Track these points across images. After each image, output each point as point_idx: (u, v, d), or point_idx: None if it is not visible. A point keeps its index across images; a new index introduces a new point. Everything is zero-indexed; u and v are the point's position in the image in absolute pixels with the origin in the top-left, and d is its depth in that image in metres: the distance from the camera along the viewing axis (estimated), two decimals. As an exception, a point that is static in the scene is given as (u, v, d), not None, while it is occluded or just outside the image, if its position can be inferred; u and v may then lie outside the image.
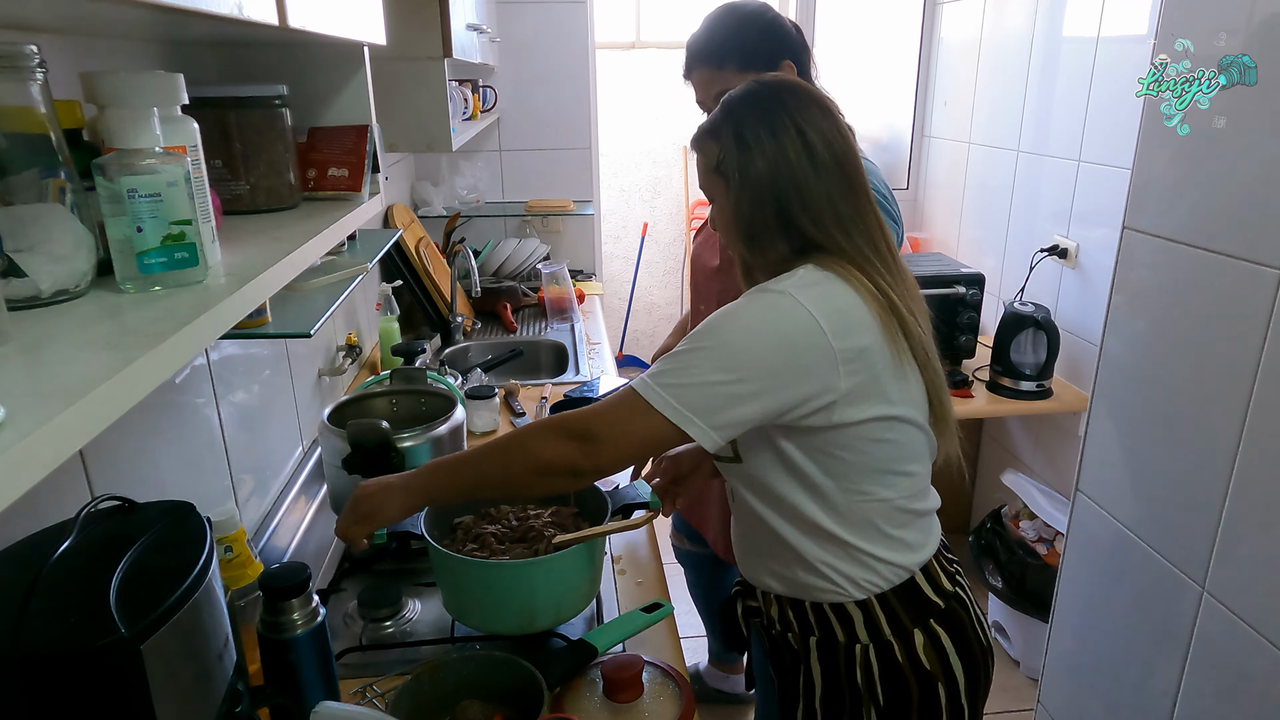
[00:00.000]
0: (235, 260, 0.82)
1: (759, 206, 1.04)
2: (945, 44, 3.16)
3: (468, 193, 3.14)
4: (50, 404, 0.47)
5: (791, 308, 0.98)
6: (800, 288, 1.00)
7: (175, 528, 0.75)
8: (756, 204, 1.04)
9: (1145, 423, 1.51)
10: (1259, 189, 1.23)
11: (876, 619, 1.08)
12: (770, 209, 1.04)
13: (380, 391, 1.63)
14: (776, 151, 1.03)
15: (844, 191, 1.04)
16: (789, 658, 1.16)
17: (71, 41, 0.90)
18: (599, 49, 3.28)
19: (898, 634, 1.09)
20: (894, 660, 1.08)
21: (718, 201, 1.10)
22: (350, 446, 1.35)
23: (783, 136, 1.03)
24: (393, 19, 1.41)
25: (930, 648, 1.09)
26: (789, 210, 1.03)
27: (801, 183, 1.03)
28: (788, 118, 1.03)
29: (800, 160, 1.03)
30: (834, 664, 1.11)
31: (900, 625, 1.09)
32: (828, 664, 1.11)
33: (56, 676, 0.61)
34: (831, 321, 0.98)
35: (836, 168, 1.04)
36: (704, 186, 1.11)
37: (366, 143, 1.20)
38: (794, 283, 1.01)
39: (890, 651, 1.08)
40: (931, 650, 1.09)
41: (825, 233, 1.04)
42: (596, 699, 1.07)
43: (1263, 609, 1.26)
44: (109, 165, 0.66)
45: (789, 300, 0.98)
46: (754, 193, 1.04)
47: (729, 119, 1.06)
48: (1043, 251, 2.48)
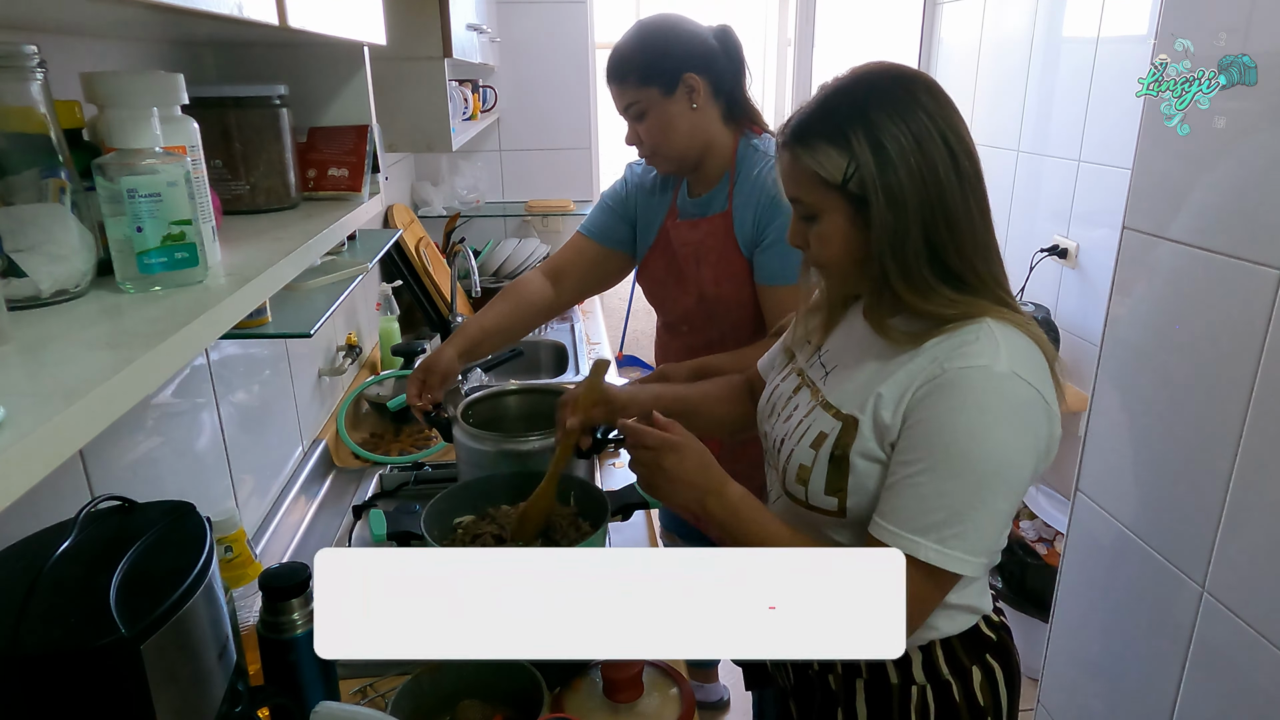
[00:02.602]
0: (235, 260, 0.82)
1: (907, 232, 0.87)
2: (945, 44, 3.15)
3: (468, 193, 3.14)
4: (50, 404, 0.47)
5: (1031, 401, 0.87)
6: (1021, 363, 0.87)
7: (175, 528, 0.75)
8: (905, 229, 0.87)
9: (1145, 423, 1.51)
10: (1259, 189, 1.22)
11: (936, 660, 1.00)
12: (919, 236, 0.88)
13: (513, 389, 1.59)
14: (922, 164, 0.86)
15: (985, 211, 0.91)
16: (821, 698, 1.07)
17: (71, 41, 0.90)
18: (599, 49, 3.28)
19: (956, 673, 1.01)
20: (951, 700, 1.00)
21: (826, 220, 0.92)
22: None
23: (927, 144, 0.87)
24: (393, 19, 1.41)
25: (986, 683, 1.02)
26: (938, 237, 0.88)
27: (950, 203, 0.87)
28: (929, 120, 0.87)
29: (948, 174, 0.87)
30: (885, 707, 1.02)
31: (959, 664, 1.01)
32: (877, 707, 1.02)
33: (56, 676, 0.62)
34: (1054, 402, 0.89)
35: (978, 182, 0.90)
36: (802, 199, 0.93)
37: (366, 143, 1.20)
38: (1011, 358, 0.86)
39: (948, 691, 1.00)
40: (987, 686, 1.02)
41: (968, 264, 0.90)
42: (596, 699, 1.07)
43: (1263, 609, 1.26)
44: (109, 165, 0.66)
45: (1025, 390, 0.86)
46: (903, 215, 0.87)
47: (858, 120, 0.87)
48: (1043, 251, 2.48)
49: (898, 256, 0.88)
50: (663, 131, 1.42)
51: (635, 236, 1.64)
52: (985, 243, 0.91)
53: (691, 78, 1.39)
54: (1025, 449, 0.87)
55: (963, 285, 0.90)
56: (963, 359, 0.87)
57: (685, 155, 1.45)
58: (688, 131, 1.42)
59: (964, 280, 0.90)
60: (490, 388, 1.55)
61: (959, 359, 0.87)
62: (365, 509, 1.58)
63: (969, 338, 0.88)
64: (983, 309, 0.90)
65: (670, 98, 1.40)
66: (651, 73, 1.39)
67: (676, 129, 1.42)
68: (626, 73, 1.41)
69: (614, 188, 1.66)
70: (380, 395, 2.01)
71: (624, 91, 1.42)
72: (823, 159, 0.88)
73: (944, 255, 0.89)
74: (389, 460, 1.79)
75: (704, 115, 1.43)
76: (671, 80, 1.40)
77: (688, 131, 1.42)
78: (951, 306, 0.90)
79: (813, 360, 1.07)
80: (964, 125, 0.90)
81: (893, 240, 0.88)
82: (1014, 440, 0.86)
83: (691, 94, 1.40)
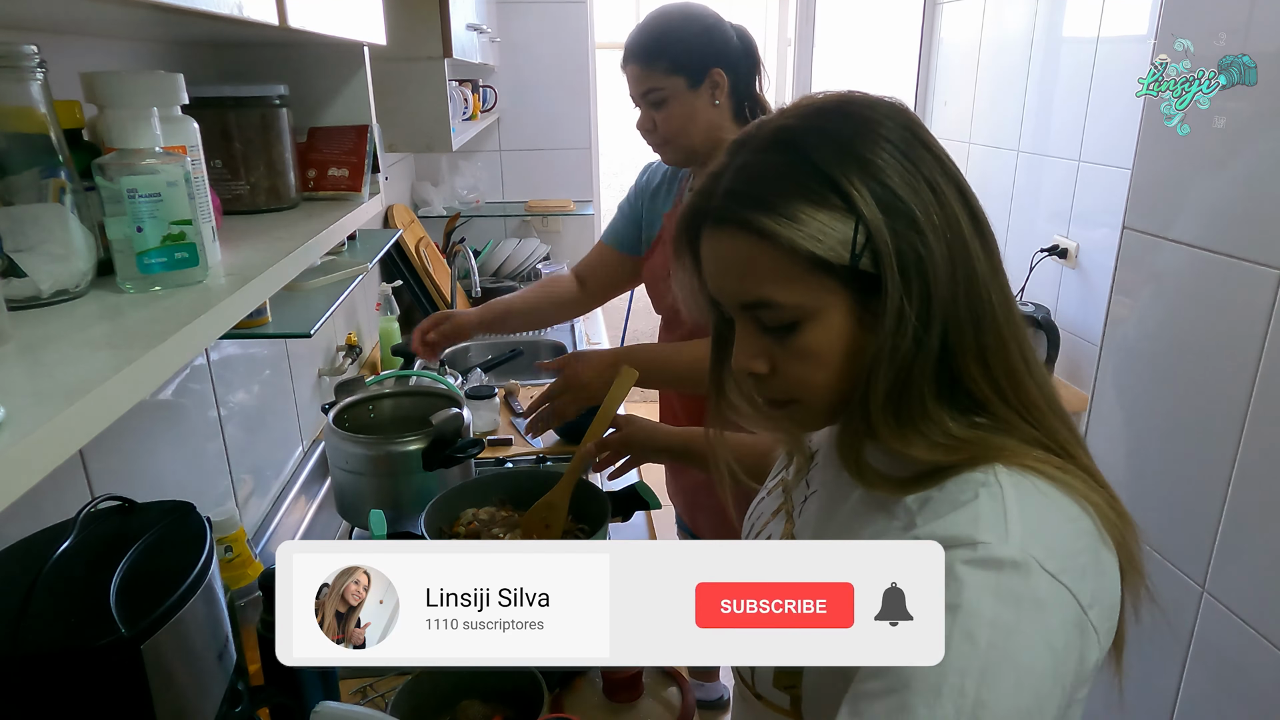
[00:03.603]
0: (235, 260, 0.82)
1: (929, 330, 0.59)
2: (945, 44, 3.15)
3: (468, 193, 3.14)
4: (50, 404, 0.47)
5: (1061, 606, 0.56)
6: (1041, 541, 0.56)
7: (175, 528, 0.75)
8: (928, 325, 0.59)
9: (1145, 423, 1.51)
10: (1259, 189, 1.23)
11: None
12: (937, 337, 0.59)
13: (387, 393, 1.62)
14: (946, 226, 0.59)
15: (1008, 301, 0.62)
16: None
17: (71, 41, 0.90)
18: (599, 49, 3.28)
19: None
20: None
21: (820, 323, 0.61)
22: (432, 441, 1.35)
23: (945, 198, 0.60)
24: (393, 19, 1.41)
25: None
26: (959, 338, 0.59)
27: (978, 285, 0.60)
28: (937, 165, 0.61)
29: (972, 241, 0.60)
30: None
31: None
32: None
33: (57, 676, 0.62)
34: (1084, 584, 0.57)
35: (999, 258, 0.63)
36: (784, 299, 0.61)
37: (366, 143, 1.20)
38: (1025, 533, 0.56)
39: None
40: None
41: (992, 381, 0.61)
42: (596, 699, 1.07)
43: (1263, 609, 1.26)
44: (109, 165, 0.66)
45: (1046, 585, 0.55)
46: (929, 303, 0.59)
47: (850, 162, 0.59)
48: (1043, 251, 2.48)
49: (903, 366, 0.59)
50: (680, 123, 1.42)
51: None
52: (1012, 347, 0.61)
53: (718, 73, 1.39)
54: (1043, 676, 0.54)
55: (978, 415, 0.62)
56: (945, 529, 0.57)
57: (697, 149, 1.45)
58: (705, 127, 1.42)
59: (983, 407, 0.61)
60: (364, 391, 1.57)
61: (940, 528, 0.58)
62: (365, 509, 1.58)
63: (963, 496, 0.58)
64: (996, 451, 0.60)
65: (695, 91, 1.40)
66: (682, 62, 1.38)
67: (695, 123, 1.41)
68: (655, 57, 1.39)
69: (629, 194, 1.70)
70: (380, 395, 2.01)
71: (648, 75, 1.40)
72: (815, 230, 0.58)
73: (961, 366, 0.60)
74: (389, 460, 1.79)
75: (721, 112, 1.43)
76: (700, 73, 1.39)
77: (705, 127, 1.42)
78: (945, 450, 0.60)
79: (802, 475, 0.80)
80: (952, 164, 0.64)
81: (909, 343, 0.59)
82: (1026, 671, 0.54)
83: (715, 90, 1.40)
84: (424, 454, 1.36)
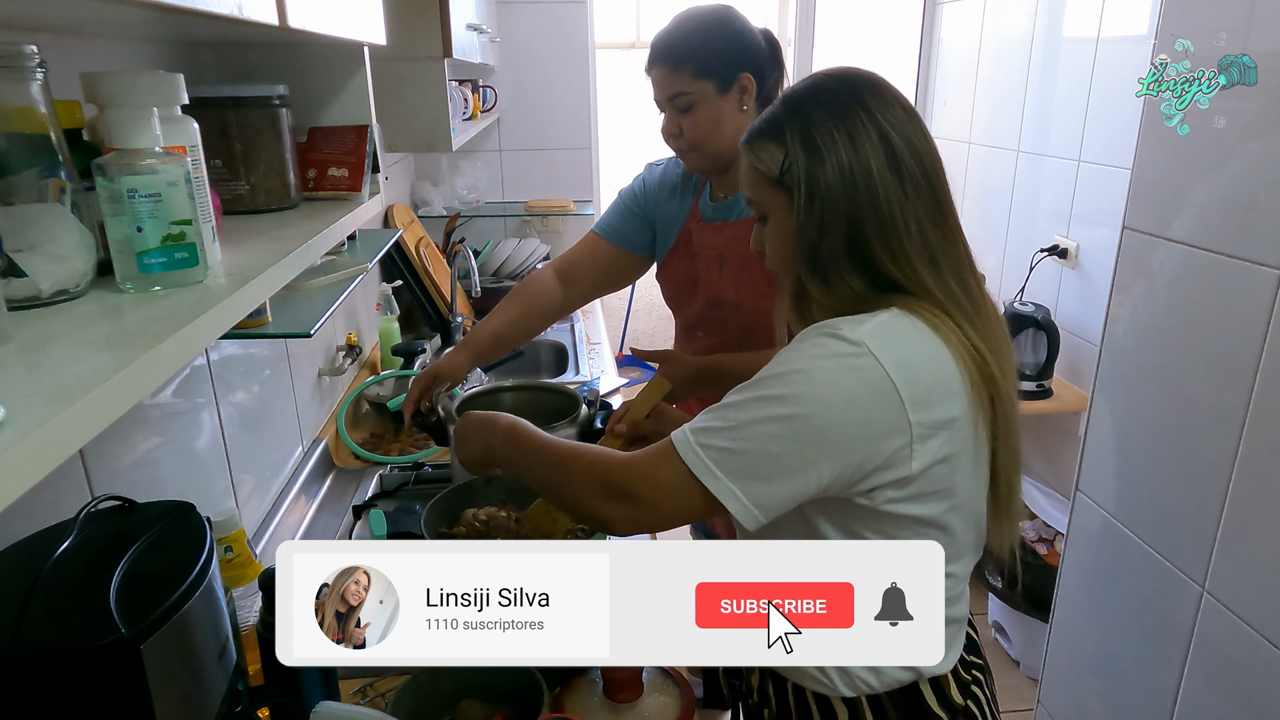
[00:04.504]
0: (235, 260, 0.82)
1: (827, 228, 0.85)
2: (945, 44, 3.15)
3: (468, 193, 3.14)
4: (50, 404, 0.47)
5: (870, 369, 0.79)
6: (881, 341, 0.80)
7: (175, 528, 0.75)
8: (824, 225, 0.85)
9: (1145, 423, 1.51)
10: (1259, 189, 1.23)
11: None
12: (840, 232, 0.85)
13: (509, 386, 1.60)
14: (854, 159, 0.84)
15: (934, 215, 0.86)
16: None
17: (71, 41, 0.90)
18: (599, 49, 3.28)
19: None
20: None
21: (773, 219, 0.91)
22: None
23: (862, 140, 0.84)
24: (393, 19, 1.41)
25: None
26: (863, 235, 0.84)
27: (882, 201, 0.84)
28: (867, 117, 0.85)
29: (883, 172, 0.84)
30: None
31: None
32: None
33: (57, 676, 0.62)
34: (914, 390, 0.80)
35: (926, 184, 0.86)
36: (754, 200, 0.93)
37: (366, 143, 1.20)
38: (872, 331, 0.81)
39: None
40: None
41: (909, 267, 0.85)
42: (596, 699, 1.07)
43: (1263, 609, 1.26)
44: (109, 165, 0.66)
45: (867, 359, 0.79)
46: (823, 210, 0.85)
47: (795, 115, 0.87)
48: (1043, 251, 2.48)
49: (813, 253, 0.86)
50: (709, 128, 1.39)
51: (653, 238, 1.61)
52: (937, 246, 0.86)
53: (746, 78, 1.37)
54: (834, 409, 0.79)
55: (888, 285, 0.86)
56: (830, 329, 0.83)
57: (723, 155, 1.42)
58: (733, 132, 1.38)
59: (893, 282, 0.85)
60: (486, 385, 1.55)
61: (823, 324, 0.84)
62: (365, 509, 1.58)
63: (856, 318, 0.84)
64: (897, 300, 0.85)
65: (724, 96, 1.37)
66: (712, 66, 1.36)
67: (724, 128, 1.39)
68: (685, 60, 1.37)
69: (631, 188, 1.63)
70: (380, 395, 2.01)
71: (676, 79, 1.38)
72: (763, 155, 0.89)
73: (871, 255, 0.85)
74: (389, 460, 1.79)
75: (748, 118, 1.39)
76: (729, 78, 1.37)
77: (733, 132, 1.38)
78: (859, 301, 0.86)
79: None
80: (914, 127, 0.87)
81: (811, 236, 0.85)
82: (823, 391, 0.79)
83: (744, 95, 1.38)
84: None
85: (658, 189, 1.60)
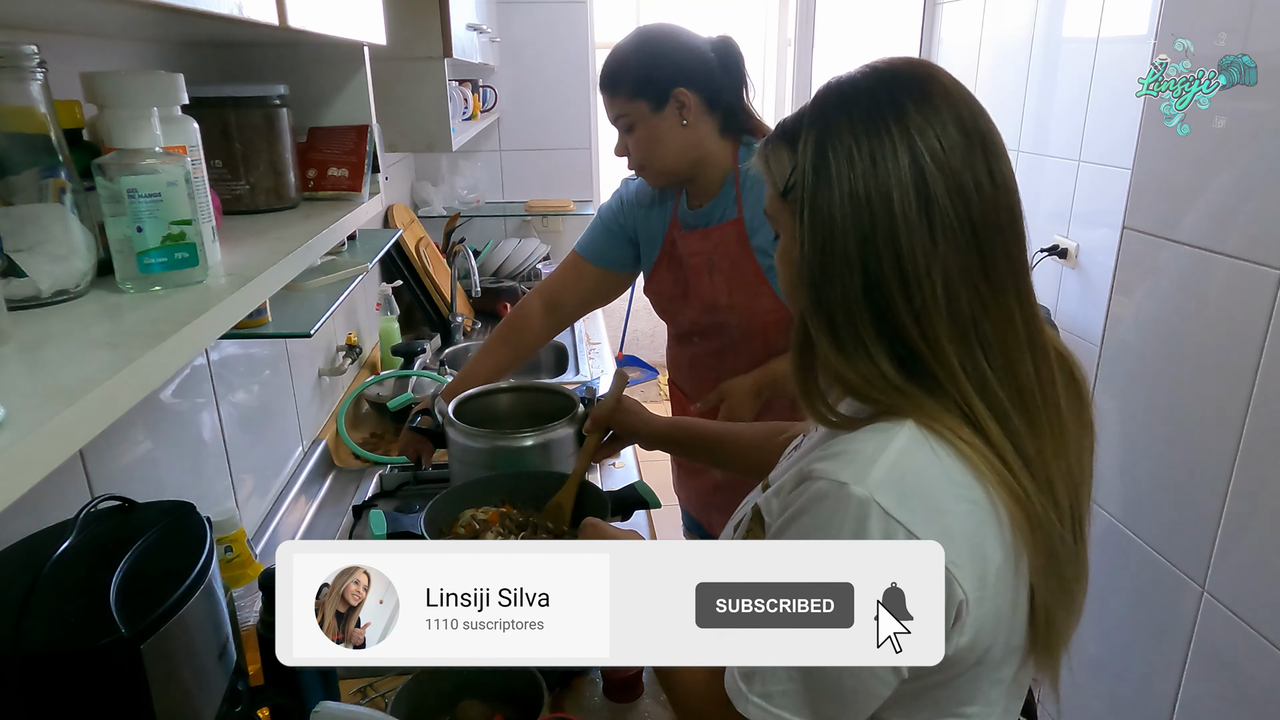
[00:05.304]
0: (235, 260, 0.82)
1: (830, 270, 0.66)
2: (945, 44, 3.15)
3: (468, 193, 3.14)
4: (50, 404, 0.47)
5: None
6: (895, 491, 0.63)
7: (175, 528, 0.75)
8: (827, 265, 0.67)
9: (1145, 423, 1.51)
10: (1259, 189, 1.23)
11: None
12: (852, 280, 0.66)
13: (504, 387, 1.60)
14: (871, 189, 0.65)
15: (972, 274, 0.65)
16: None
17: (71, 41, 0.90)
18: (599, 49, 3.28)
19: None
20: None
21: (783, 239, 0.75)
22: None
23: (886, 164, 0.65)
24: (393, 19, 1.41)
25: None
26: (881, 284, 0.65)
27: (905, 249, 0.65)
28: (901, 135, 0.65)
29: (906, 210, 0.64)
30: None
31: None
32: None
33: (57, 676, 0.62)
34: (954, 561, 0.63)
35: (967, 235, 0.65)
36: (769, 213, 0.76)
37: (366, 143, 1.20)
38: (884, 479, 0.63)
39: None
40: None
41: (933, 344, 0.65)
42: (596, 699, 1.07)
43: (1263, 609, 1.26)
44: (109, 165, 0.66)
45: (879, 519, 0.63)
46: (825, 247, 0.66)
47: (818, 118, 0.69)
48: (1043, 251, 2.48)
49: (817, 295, 0.68)
50: (650, 146, 1.41)
51: (636, 253, 1.61)
52: (966, 318, 0.65)
53: (682, 93, 1.37)
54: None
55: (916, 371, 0.67)
56: (826, 461, 0.66)
57: (675, 170, 1.43)
58: (677, 147, 1.40)
59: (922, 365, 0.66)
60: (484, 386, 1.55)
61: (822, 460, 0.66)
62: (365, 509, 1.58)
63: (859, 439, 0.66)
64: (914, 408, 0.66)
65: (660, 113, 1.38)
66: (641, 87, 1.37)
67: (665, 144, 1.40)
68: (617, 85, 1.39)
69: (609, 205, 1.63)
70: (380, 395, 2.01)
71: (614, 103, 1.41)
72: (774, 160, 0.73)
73: (894, 319, 0.66)
74: (389, 460, 1.79)
75: (695, 130, 1.40)
76: (662, 95, 1.37)
77: (677, 147, 1.40)
78: (884, 391, 0.67)
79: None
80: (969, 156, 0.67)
81: (814, 274, 0.67)
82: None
83: (682, 109, 1.38)
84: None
85: (634, 203, 1.60)
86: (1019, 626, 0.71)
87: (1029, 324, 0.68)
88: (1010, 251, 0.67)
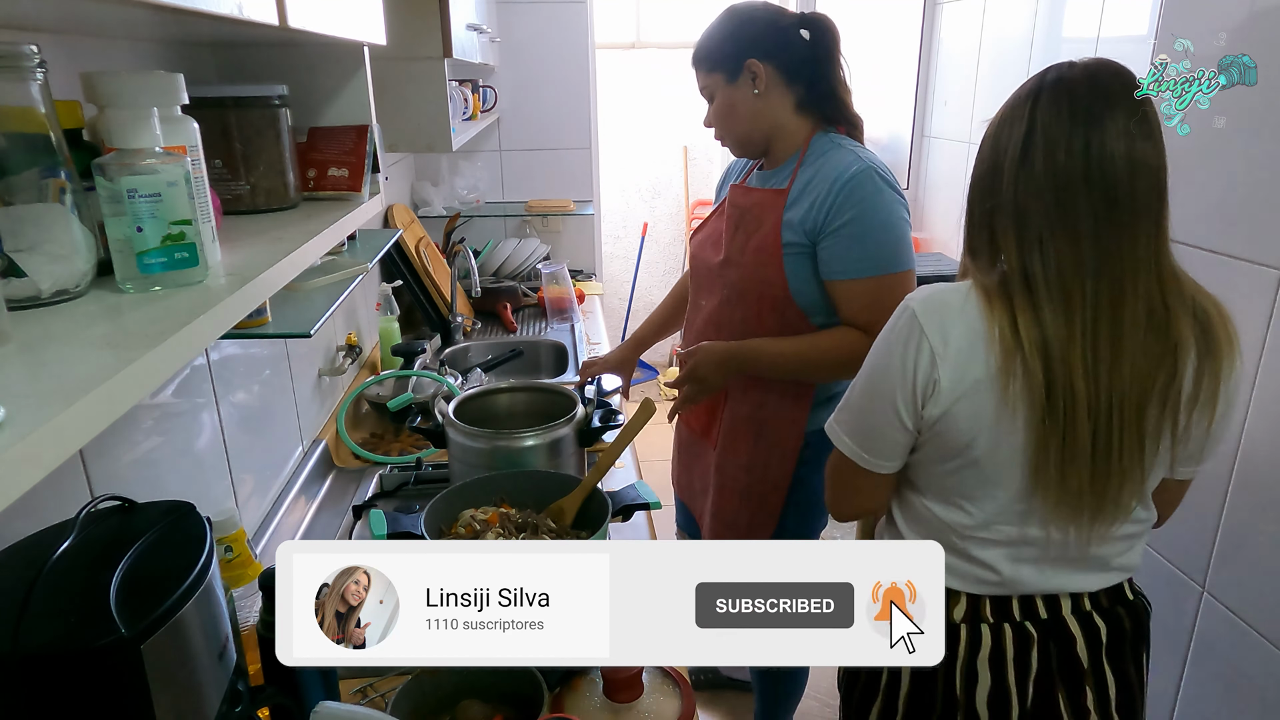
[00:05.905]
0: (235, 260, 0.82)
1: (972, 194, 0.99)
2: (945, 44, 3.16)
3: (468, 193, 3.14)
4: (50, 404, 0.47)
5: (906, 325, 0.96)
6: (925, 304, 0.96)
7: (175, 528, 0.75)
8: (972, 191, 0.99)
9: (1145, 423, 1.50)
10: (1259, 189, 1.23)
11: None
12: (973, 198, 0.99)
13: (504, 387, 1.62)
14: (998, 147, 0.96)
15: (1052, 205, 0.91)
16: None
17: (71, 41, 0.90)
18: (599, 49, 3.28)
19: None
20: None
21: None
22: None
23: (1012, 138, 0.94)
24: (393, 19, 1.41)
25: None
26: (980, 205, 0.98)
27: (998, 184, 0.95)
28: (1037, 111, 0.93)
29: (1005, 164, 0.94)
30: None
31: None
32: None
33: (57, 676, 0.62)
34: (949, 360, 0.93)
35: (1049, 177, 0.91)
36: None
37: (366, 143, 1.20)
38: (925, 297, 0.97)
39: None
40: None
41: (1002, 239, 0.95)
42: (596, 699, 1.06)
43: (1263, 609, 1.26)
44: (109, 165, 0.66)
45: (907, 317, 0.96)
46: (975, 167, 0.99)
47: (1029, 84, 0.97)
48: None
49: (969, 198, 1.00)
50: (726, 115, 1.49)
51: None
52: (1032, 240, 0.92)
53: (754, 64, 1.43)
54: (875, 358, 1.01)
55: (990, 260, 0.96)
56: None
57: (749, 138, 1.50)
58: (749, 116, 1.47)
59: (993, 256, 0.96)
60: (484, 386, 1.56)
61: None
62: (365, 509, 1.58)
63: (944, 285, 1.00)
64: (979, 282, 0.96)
65: (734, 84, 1.46)
66: (715, 58, 1.46)
67: (738, 113, 1.48)
68: (700, 59, 1.49)
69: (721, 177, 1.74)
70: (380, 395, 2.01)
71: (699, 77, 1.50)
72: None
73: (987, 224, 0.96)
74: (389, 460, 1.79)
75: (768, 101, 1.46)
76: (735, 66, 1.45)
77: (749, 116, 1.47)
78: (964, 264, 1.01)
79: None
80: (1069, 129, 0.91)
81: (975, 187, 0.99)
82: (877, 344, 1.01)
83: (755, 80, 1.44)
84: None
85: (727, 174, 1.69)
86: (1005, 448, 0.94)
87: (1103, 257, 0.90)
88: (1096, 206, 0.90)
